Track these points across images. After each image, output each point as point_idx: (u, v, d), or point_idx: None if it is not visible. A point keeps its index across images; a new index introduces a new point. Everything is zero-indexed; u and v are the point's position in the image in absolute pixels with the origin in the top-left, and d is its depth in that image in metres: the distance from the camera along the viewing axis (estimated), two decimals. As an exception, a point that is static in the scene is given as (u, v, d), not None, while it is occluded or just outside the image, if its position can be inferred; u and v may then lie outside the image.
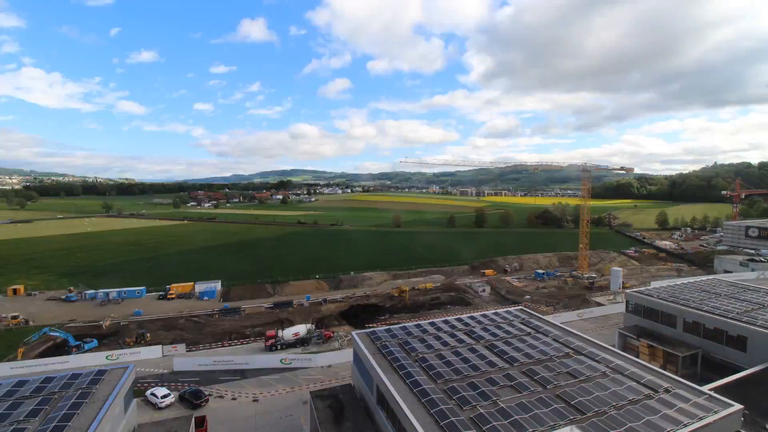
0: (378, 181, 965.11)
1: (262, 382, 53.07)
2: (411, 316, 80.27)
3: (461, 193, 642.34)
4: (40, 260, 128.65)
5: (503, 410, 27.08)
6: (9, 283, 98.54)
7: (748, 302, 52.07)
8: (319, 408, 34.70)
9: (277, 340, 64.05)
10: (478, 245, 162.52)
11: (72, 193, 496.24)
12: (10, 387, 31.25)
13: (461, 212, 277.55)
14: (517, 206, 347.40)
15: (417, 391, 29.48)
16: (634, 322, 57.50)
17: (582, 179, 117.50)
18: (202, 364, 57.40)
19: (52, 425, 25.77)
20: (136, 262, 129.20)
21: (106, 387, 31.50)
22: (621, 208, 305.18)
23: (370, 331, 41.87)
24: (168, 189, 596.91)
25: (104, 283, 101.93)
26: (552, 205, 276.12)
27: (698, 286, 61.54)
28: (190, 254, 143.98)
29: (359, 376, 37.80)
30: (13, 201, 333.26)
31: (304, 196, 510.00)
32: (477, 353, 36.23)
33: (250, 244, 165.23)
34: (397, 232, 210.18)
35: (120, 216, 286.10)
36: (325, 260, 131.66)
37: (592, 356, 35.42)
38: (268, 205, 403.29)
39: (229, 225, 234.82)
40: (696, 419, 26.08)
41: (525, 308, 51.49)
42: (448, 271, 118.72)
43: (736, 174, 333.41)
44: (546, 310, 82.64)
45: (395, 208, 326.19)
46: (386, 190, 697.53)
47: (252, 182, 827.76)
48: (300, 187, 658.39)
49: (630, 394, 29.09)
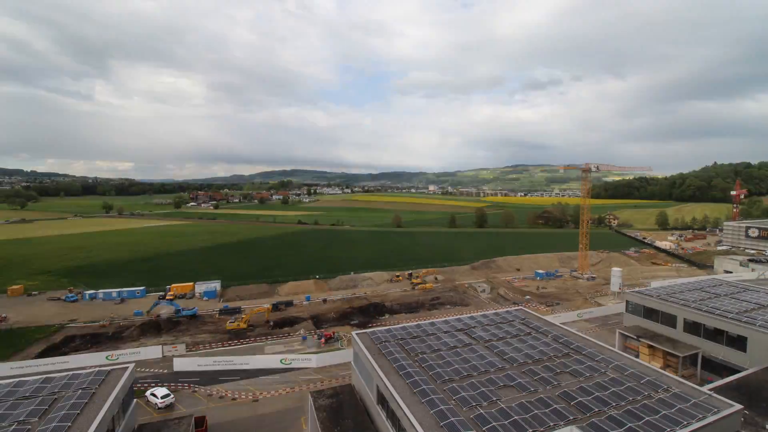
0: (378, 182, 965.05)
1: (262, 382, 53.08)
2: (411, 316, 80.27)
3: (461, 193, 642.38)
4: (40, 260, 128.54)
5: (503, 410, 27.09)
6: (9, 283, 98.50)
7: (748, 302, 52.07)
8: (319, 408, 34.70)
9: None
10: (479, 245, 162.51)
11: (72, 193, 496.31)
12: (10, 387, 31.27)
13: (461, 212, 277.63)
14: (518, 206, 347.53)
15: (417, 391, 29.48)
16: (634, 322, 57.51)
17: (582, 179, 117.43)
18: (202, 364, 57.40)
19: (52, 425, 25.77)
20: (136, 262, 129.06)
21: (106, 387, 31.50)
22: (621, 208, 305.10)
23: (370, 331, 41.87)
24: (168, 189, 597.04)
25: (104, 283, 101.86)
26: (552, 205, 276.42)
27: (698, 286, 61.54)
28: (190, 254, 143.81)
29: (359, 376, 37.79)
30: (13, 201, 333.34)
31: (304, 196, 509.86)
32: (477, 353, 36.23)
33: (250, 244, 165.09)
34: (397, 232, 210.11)
35: (120, 216, 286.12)
36: (325, 260, 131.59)
37: (592, 356, 35.43)
38: (268, 205, 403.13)
39: (229, 225, 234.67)
40: (696, 419, 26.08)
41: (525, 308, 51.48)
42: (449, 271, 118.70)
43: (736, 174, 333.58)
44: (546, 310, 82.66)
45: (395, 208, 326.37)
46: (386, 190, 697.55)
47: (252, 182, 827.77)
48: (300, 187, 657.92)
49: (630, 394, 29.10)
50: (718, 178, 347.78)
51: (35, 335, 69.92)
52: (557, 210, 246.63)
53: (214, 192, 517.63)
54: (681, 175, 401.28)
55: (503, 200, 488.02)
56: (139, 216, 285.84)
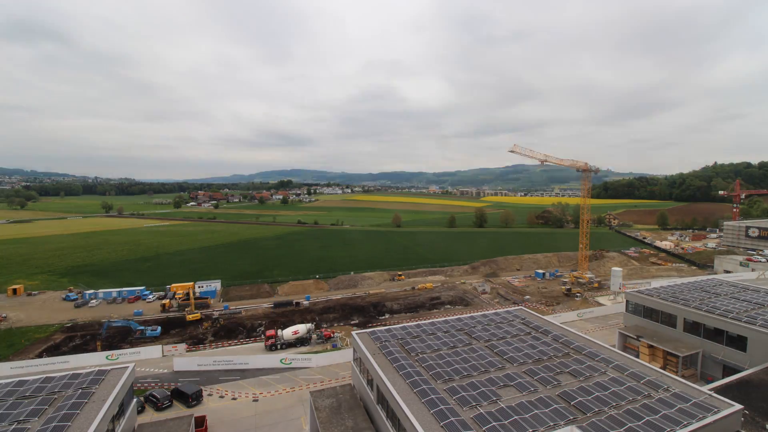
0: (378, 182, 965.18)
1: (262, 382, 53.09)
2: (411, 316, 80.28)
3: (461, 194, 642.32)
4: (40, 260, 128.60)
5: (503, 410, 27.06)
6: (9, 283, 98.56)
7: (748, 302, 52.03)
8: (319, 408, 34.70)
9: (277, 340, 64.09)
10: (478, 245, 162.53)
11: (72, 193, 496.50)
12: (10, 387, 31.25)
13: (461, 212, 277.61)
14: (517, 206, 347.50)
15: (417, 391, 29.46)
16: (634, 322, 57.51)
17: (582, 179, 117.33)
18: (202, 364, 57.42)
19: (52, 425, 25.75)
20: (136, 262, 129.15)
21: (107, 387, 31.48)
22: (621, 208, 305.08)
23: (370, 331, 41.83)
24: (168, 189, 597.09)
25: (104, 283, 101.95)
26: (552, 205, 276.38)
27: (698, 286, 61.49)
28: (190, 254, 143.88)
29: (359, 376, 37.77)
30: (13, 201, 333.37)
31: (304, 196, 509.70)
32: (477, 353, 36.21)
33: (250, 244, 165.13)
34: (397, 232, 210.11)
35: (120, 216, 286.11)
36: (325, 260, 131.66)
37: (592, 356, 35.41)
38: (268, 205, 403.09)
39: (229, 225, 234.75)
40: (696, 419, 26.05)
41: (525, 308, 51.47)
42: (449, 271, 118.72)
43: (736, 174, 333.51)
44: (546, 310, 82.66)
45: (395, 208, 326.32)
46: (386, 190, 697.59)
47: (252, 182, 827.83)
48: (300, 187, 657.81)
49: (630, 394, 29.08)
50: (718, 178, 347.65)
51: (35, 335, 70.01)
52: (557, 210, 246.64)
53: (214, 192, 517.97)
54: (681, 175, 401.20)
55: (503, 200, 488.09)
56: (139, 216, 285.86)
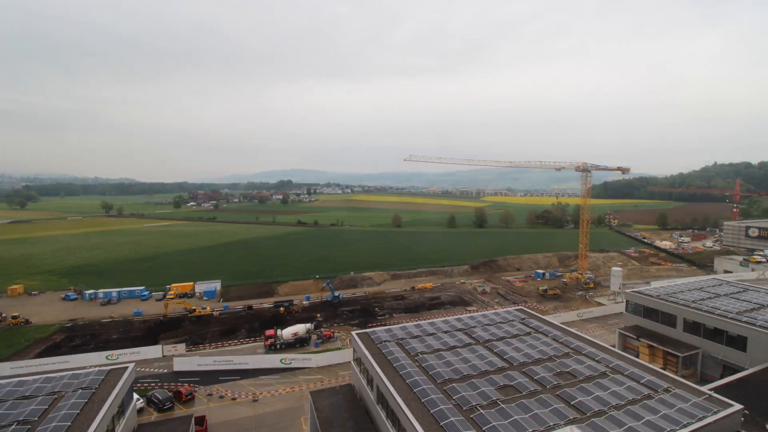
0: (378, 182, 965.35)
1: (262, 382, 53.11)
2: (411, 316, 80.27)
3: (461, 194, 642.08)
4: (40, 260, 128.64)
5: (503, 410, 27.07)
6: (9, 283, 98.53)
7: (748, 302, 52.04)
8: (319, 408, 34.70)
9: (276, 340, 64.07)
10: (478, 245, 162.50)
11: (72, 193, 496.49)
12: (10, 387, 31.24)
13: (461, 212, 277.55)
14: (517, 206, 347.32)
15: (417, 391, 29.45)
16: (634, 322, 57.49)
17: (582, 179, 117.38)
18: (202, 364, 57.41)
19: (52, 425, 25.74)
20: (136, 262, 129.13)
21: (107, 387, 31.45)
22: (621, 208, 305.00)
23: (370, 331, 41.81)
24: (168, 189, 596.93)
25: (104, 283, 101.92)
26: (552, 205, 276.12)
27: (698, 286, 61.50)
28: (190, 254, 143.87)
29: (359, 376, 37.77)
30: (13, 201, 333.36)
31: (304, 196, 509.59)
32: (476, 353, 36.21)
33: (250, 244, 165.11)
34: (397, 232, 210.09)
35: (120, 216, 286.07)
36: (325, 260, 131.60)
37: (591, 356, 35.41)
38: (268, 205, 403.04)
39: (229, 225, 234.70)
40: (696, 419, 26.06)
41: (525, 308, 51.48)
42: (449, 271, 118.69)
43: (736, 174, 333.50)
44: (546, 310, 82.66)
45: (395, 208, 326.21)
46: (386, 190, 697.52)
47: (252, 182, 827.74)
48: (300, 187, 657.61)
49: (630, 394, 29.08)
50: (718, 178, 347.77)
51: (35, 335, 70.02)
52: (557, 210, 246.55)
53: (213, 192, 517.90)
54: (681, 175, 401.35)
55: (503, 200, 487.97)
56: (139, 216, 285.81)
